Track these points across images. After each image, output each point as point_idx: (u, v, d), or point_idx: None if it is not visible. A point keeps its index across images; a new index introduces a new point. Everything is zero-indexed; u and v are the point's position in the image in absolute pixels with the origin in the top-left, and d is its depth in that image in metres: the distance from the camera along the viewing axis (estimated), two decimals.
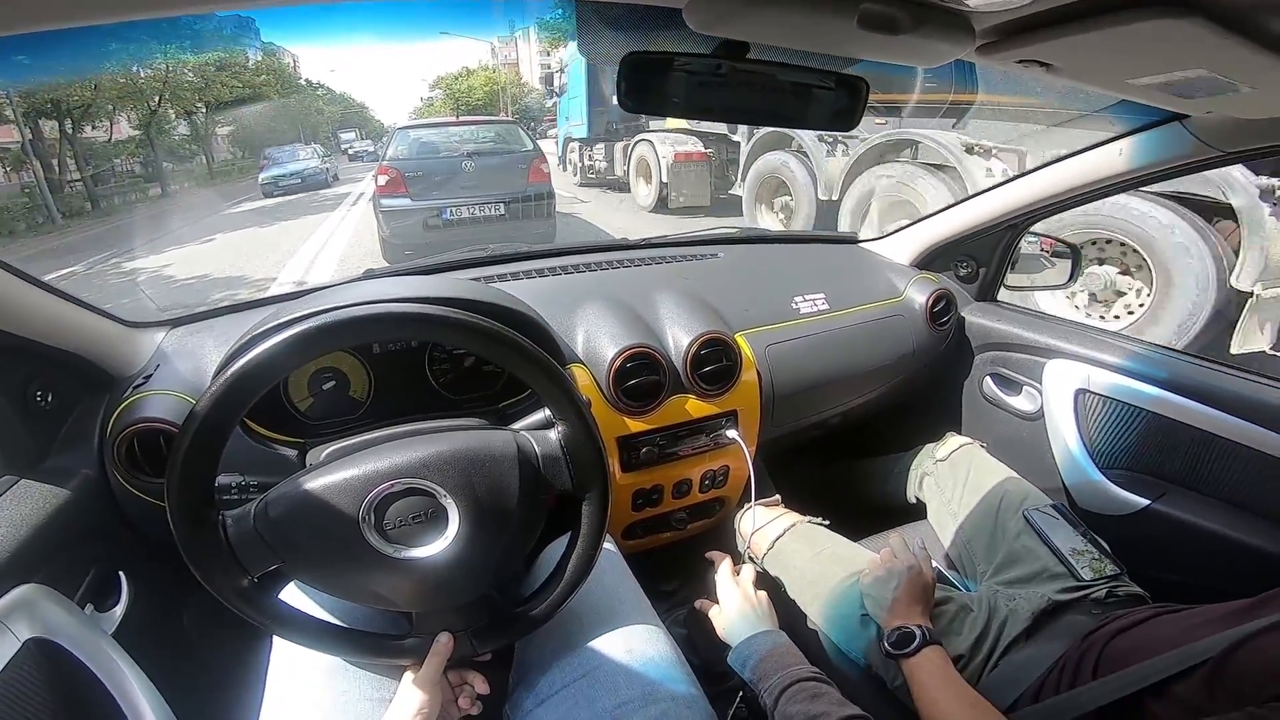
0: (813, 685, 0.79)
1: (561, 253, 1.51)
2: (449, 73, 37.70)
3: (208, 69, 20.40)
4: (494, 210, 5.77)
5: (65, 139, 16.40)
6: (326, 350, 0.66)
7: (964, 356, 1.60)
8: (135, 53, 17.30)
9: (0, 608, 0.75)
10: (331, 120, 32.65)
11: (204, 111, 21.59)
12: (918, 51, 0.55)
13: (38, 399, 0.93)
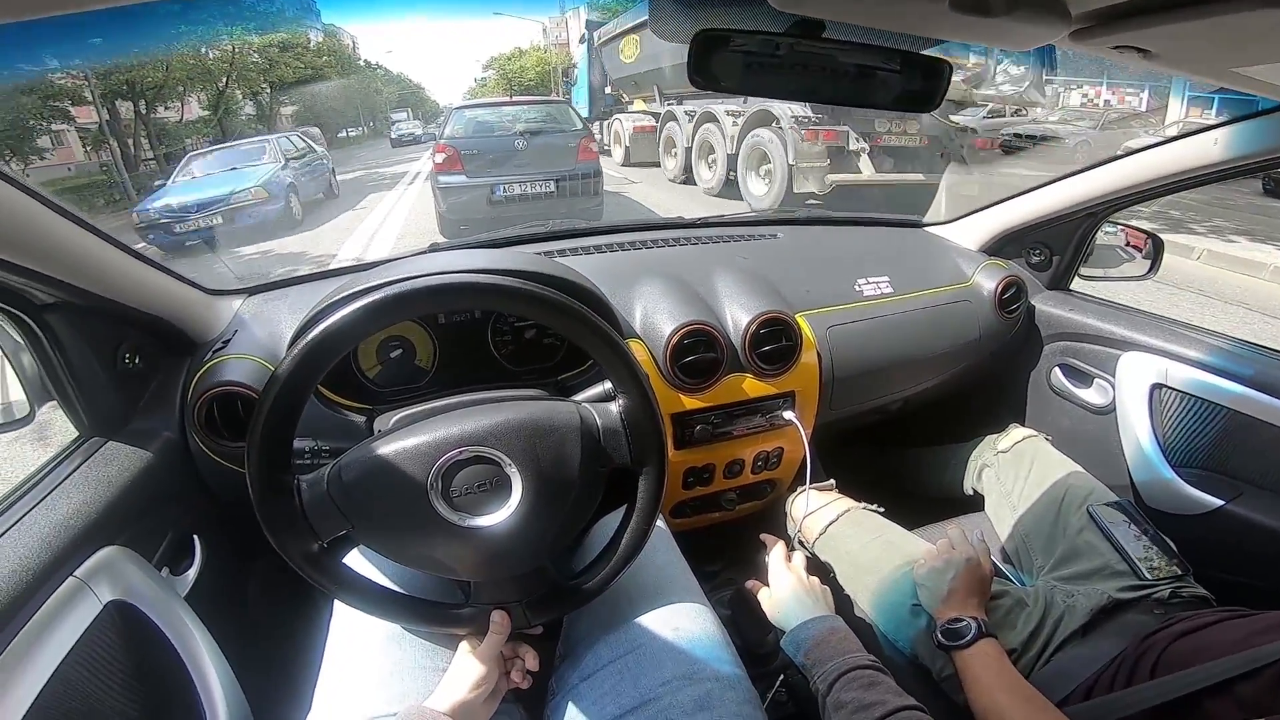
0: (869, 674, 0.78)
1: (621, 229, 1.52)
2: (502, 53, 37.98)
3: (272, 50, 21.09)
4: (544, 187, 6.01)
5: (140, 119, 17.24)
6: (402, 318, 0.68)
7: (1032, 346, 1.55)
8: (203, 34, 17.93)
9: (85, 569, 0.78)
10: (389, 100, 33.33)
11: (268, 92, 22.38)
12: (1009, 34, 0.53)
13: (126, 361, 0.97)
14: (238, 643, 0.94)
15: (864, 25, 0.56)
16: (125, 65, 15.84)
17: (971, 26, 0.50)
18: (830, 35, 0.59)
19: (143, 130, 17.36)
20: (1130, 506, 1.08)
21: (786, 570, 1.01)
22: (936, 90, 0.64)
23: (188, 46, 17.56)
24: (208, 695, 0.86)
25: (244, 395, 0.98)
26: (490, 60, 39.67)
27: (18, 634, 0.68)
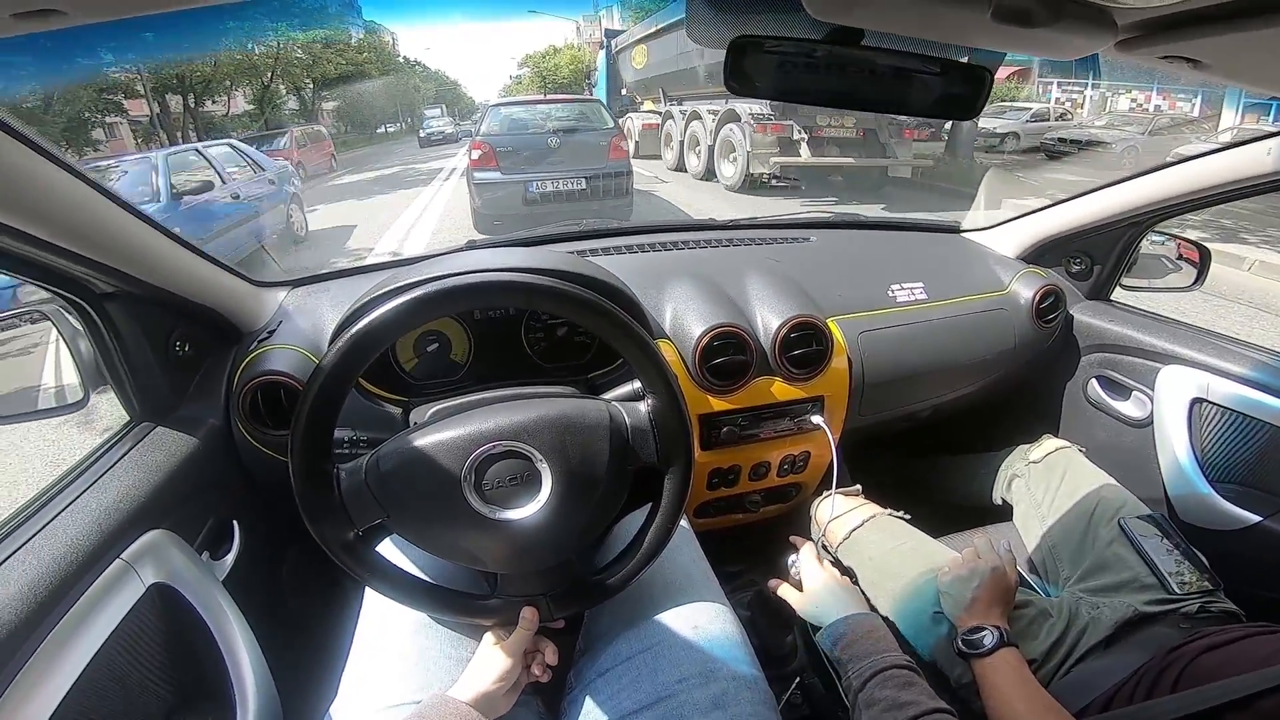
0: (905, 674, 0.78)
1: (652, 230, 1.53)
2: (536, 51, 38.16)
3: (315, 46, 21.49)
4: (576, 185, 6.09)
5: (188, 112, 17.81)
6: (443, 313, 0.70)
7: (1068, 357, 1.52)
8: (250, 30, 18.39)
9: (131, 552, 0.81)
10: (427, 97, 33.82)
11: (311, 87, 22.88)
12: (1052, 44, 0.52)
13: (177, 349, 1.01)
14: (268, 627, 0.96)
15: (905, 35, 0.56)
16: (176, 60, 16.37)
17: (1014, 36, 0.49)
18: (868, 42, 0.59)
19: (190, 123, 17.91)
20: (1163, 520, 1.06)
21: (821, 567, 1.01)
22: (978, 97, 0.64)
23: (236, 43, 18.07)
24: (239, 679, 0.88)
25: (287, 385, 1.01)
26: (525, 58, 39.91)
27: (66, 614, 0.70)
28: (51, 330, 0.98)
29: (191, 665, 0.87)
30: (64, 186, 0.71)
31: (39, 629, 0.67)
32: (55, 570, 0.71)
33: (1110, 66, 3.80)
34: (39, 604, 0.68)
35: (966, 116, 0.65)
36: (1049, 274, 1.50)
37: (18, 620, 0.65)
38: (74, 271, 0.81)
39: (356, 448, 0.97)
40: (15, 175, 0.65)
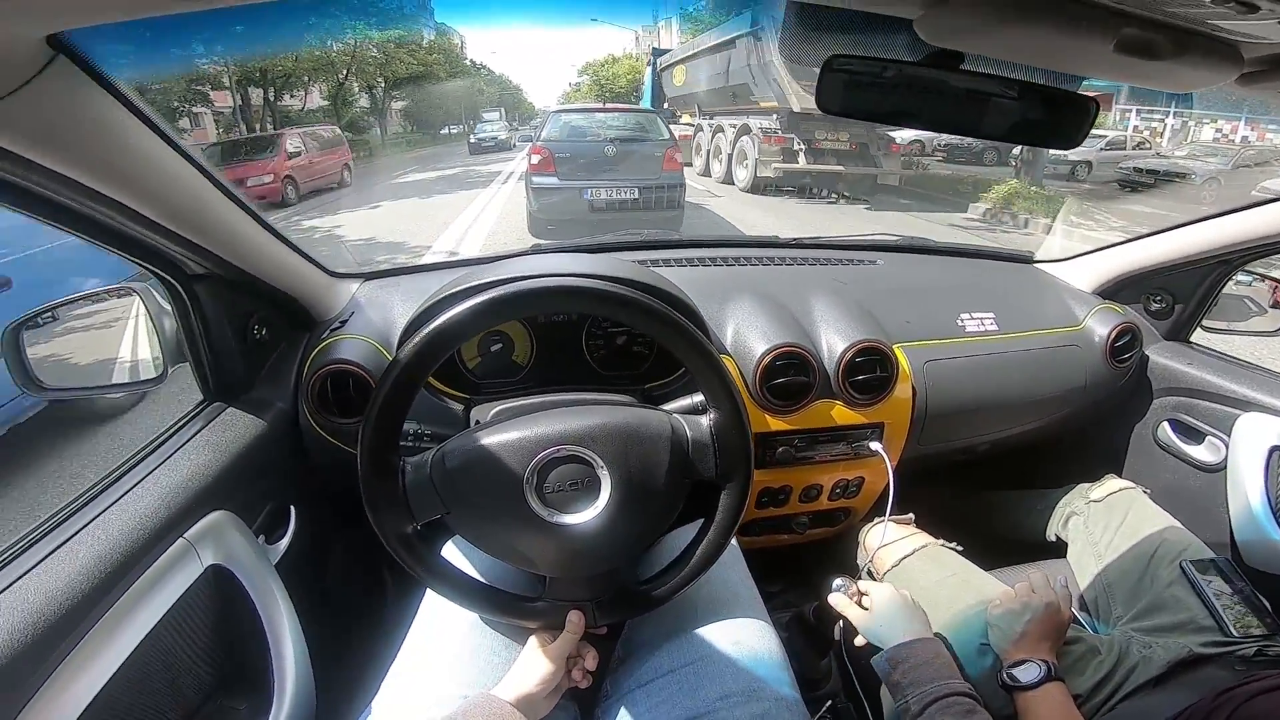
0: (968, 702, 0.77)
1: (716, 244, 1.52)
2: (596, 59, 38.60)
3: (389, 45, 22.15)
4: (629, 194, 6.13)
5: (267, 105, 18.65)
6: (519, 314, 0.72)
7: (1140, 398, 1.45)
8: (331, 27, 19.11)
9: (194, 532, 0.83)
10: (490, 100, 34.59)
11: (383, 86, 23.62)
12: (1173, 77, 0.50)
13: (255, 333, 1.05)
14: (312, 616, 0.98)
15: (1018, 62, 0.54)
16: (260, 54, 17.22)
17: (1134, 68, 0.47)
18: (966, 67, 0.57)
19: (269, 116, 18.76)
20: (1226, 564, 1.03)
21: (893, 590, 0.99)
22: (1081, 127, 0.61)
23: (317, 39, 18.83)
24: (280, 667, 0.89)
25: (356, 374, 1.04)
26: (585, 65, 40.42)
27: (128, 590, 0.72)
28: (133, 307, 1.01)
29: (237, 647, 0.89)
30: (176, 169, 0.75)
31: (101, 603, 0.69)
32: (122, 546, 0.73)
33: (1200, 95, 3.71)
34: (104, 578, 0.70)
35: (1067, 146, 0.63)
36: (1126, 311, 1.44)
37: (82, 594, 0.67)
38: (172, 252, 0.85)
39: (420, 441, 0.99)
40: (137, 156, 0.69)
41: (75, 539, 0.72)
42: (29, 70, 0.52)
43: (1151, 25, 0.43)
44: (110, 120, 0.63)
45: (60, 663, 0.64)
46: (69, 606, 0.65)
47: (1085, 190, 11.72)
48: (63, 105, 0.58)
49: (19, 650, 0.60)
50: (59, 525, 0.74)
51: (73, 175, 0.63)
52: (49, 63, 0.53)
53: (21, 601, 0.63)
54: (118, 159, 0.67)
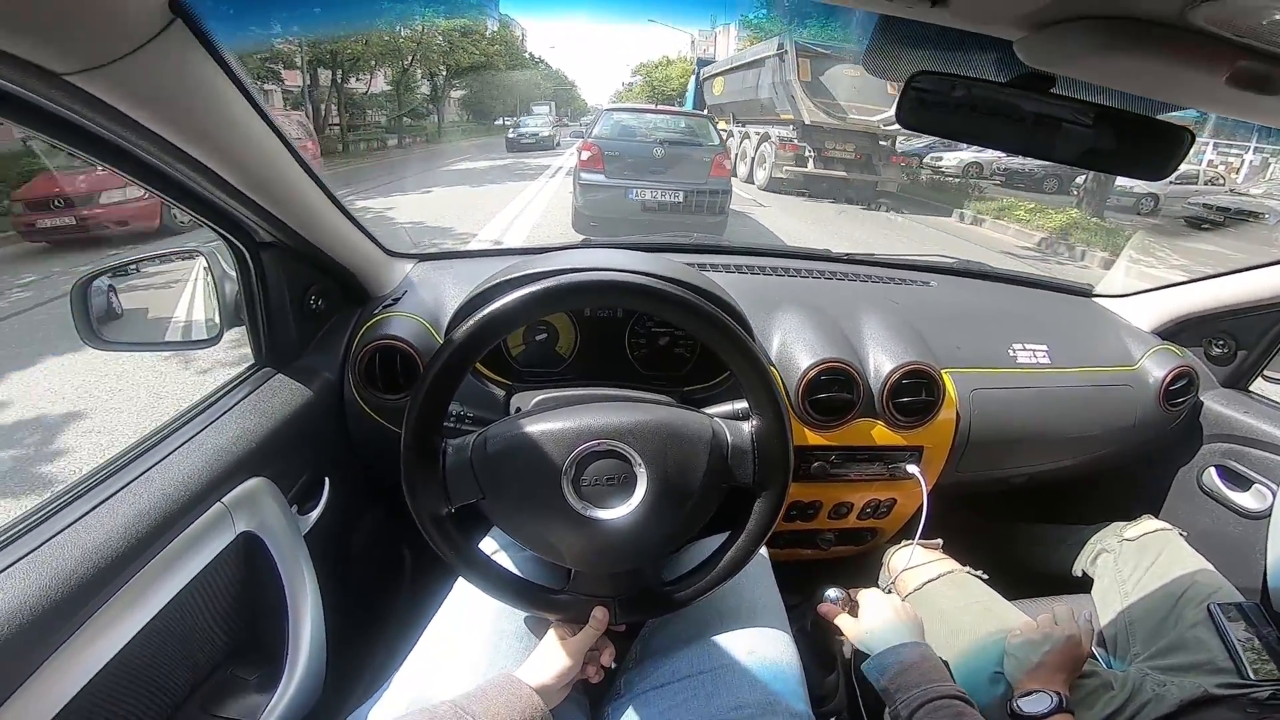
0: (956, 704, 0.76)
1: (767, 253, 1.51)
2: (650, 60, 38.70)
3: (454, 34, 22.49)
4: (673, 197, 6.15)
5: (334, 87, 19.17)
6: (572, 306, 0.72)
7: (1189, 442, 1.40)
8: (401, 12, 19.45)
9: (232, 497, 0.84)
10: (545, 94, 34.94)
11: (444, 74, 23.95)
12: None
13: (311, 302, 1.08)
14: (332, 589, 0.99)
15: (1120, 90, 0.52)
16: (333, 35, 17.69)
17: (1243, 102, 0.45)
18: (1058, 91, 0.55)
19: (334, 97, 19.29)
20: (1254, 608, 1.01)
21: (882, 596, 0.99)
22: (1173, 158, 0.59)
23: (387, 23, 19.14)
24: (296, 639, 0.90)
25: (404, 351, 1.06)
26: (639, 66, 40.55)
27: (162, 551, 0.73)
28: (194, 270, 1.06)
29: (257, 614, 0.90)
30: (264, 140, 0.77)
31: (135, 562, 0.70)
32: (163, 506, 0.75)
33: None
34: (141, 537, 0.71)
35: (1155, 177, 0.60)
36: (1185, 354, 1.39)
37: (118, 552, 0.68)
38: (247, 219, 0.88)
39: (461, 423, 1.00)
40: (231, 124, 0.71)
41: (117, 496, 0.73)
42: (148, 32, 0.53)
43: (1272, 59, 0.41)
44: (213, 87, 0.65)
45: (89, 619, 0.64)
46: (104, 564, 0.66)
47: (1150, 225, 11.26)
48: (173, 69, 0.59)
49: (48, 606, 0.61)
50: (104, 481, 0.75)
51: (170, 137, 0.65)
52: (166, 26, 0.55)
53: (58, 557, 0.64)
54: (214, 126, 0.69)
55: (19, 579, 0.60)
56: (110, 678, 0.67)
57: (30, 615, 0.59)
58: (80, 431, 2.98)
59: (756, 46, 11.84)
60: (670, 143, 6.52)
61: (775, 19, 16.78)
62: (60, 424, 3.05)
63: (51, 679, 0.61)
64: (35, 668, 0.59)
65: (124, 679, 0.70)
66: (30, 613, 0.59)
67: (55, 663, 0.61)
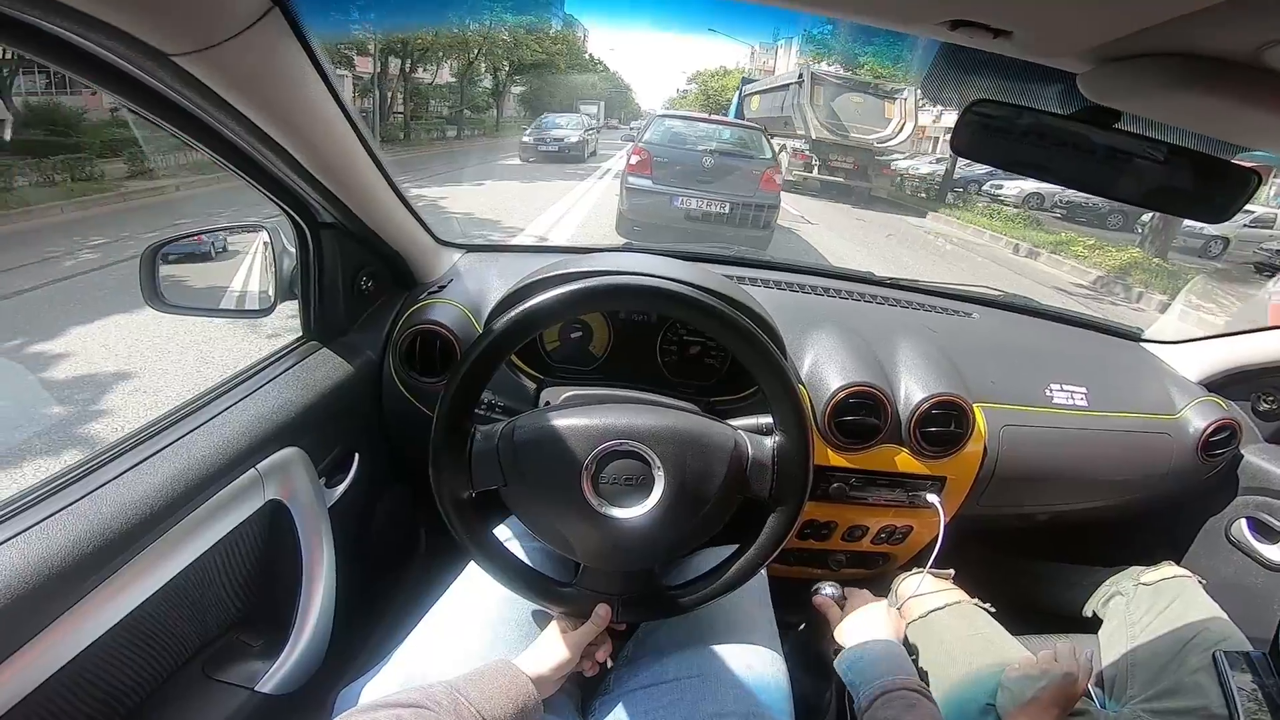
0: (912, 695, 0.76)
1: (807, 271, 1.51)
2: (707, 69, 38.36)
3: (519, 31, 22.71)
4: (719, 208, 6.12)
5: (402, 76, 19.64)
6: (611, 307, 0.74)
7: (1222, 493, 1.37)
8: (472, 7, 19.81)
9: (266, 465, 0.86)
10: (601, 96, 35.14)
11: (507, 70, 24.30)
12: None
13: (362, 283, 1.12)
14: (346, 563, 1.01)
15: (1187, 128, 0.51)
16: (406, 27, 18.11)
17: None
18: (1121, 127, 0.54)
19: (401, 86, 19.73)
20: (1261, 659, 0.97)
21: (869, 597, 1.00)
22: (1237, 200, 0.57)
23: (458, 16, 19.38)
24: (306, 609, 0.93)
25: (444, 337, 1.09)
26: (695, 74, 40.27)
27: (194, 510, 0.76)
28: (255, 244, 1.11)
29: (271, 582, 0.93)
30: (338, 127, 0.80)
31: (167, 520, 0.72)
32: (201, 467, 0.78)
33: None
34: (176, 496, 0.74)
35: (1217, 219, 0.59)
36: (1230, 407, 1.34)
37: (152, 510, 0.70)
38: (312, 199, 0.92)
39: (491, 411, 1.03)
40: (310, 110, 0.75)
41: (160, 454, 0.76)
42: (248, 18, 0.57)
43: None
44: (299, 74, 0.69)
45: (109, 577, 0.66)
46: (138, 520, 0.69)
47: (1214, 269, 10.75)
48: (266, 55, 0.63)
49: (79, 557, 0.63)
50: (149, 439, 0.79)
51: (256, 119, 0.69)
52: (264, 14, 0.58)
53: (95, 510, 0.66)
54: (296, 110, 0.72)
55: (55, 529, 0.63)
56: (122, 633, 0.69)
57: (60, 565, 0.61)
58: (127, 391, 3.13)
59: (785, 73, 14.07)
60: (721, 153, 6.49)
61: (839, 36, 16.81)
62: (110, 382, 3.21)
63: (70, 627, 0.63)
64: (54, 618, 0.61)
65: (135, 635, 0.73)
66: (60, 562, 0.61)
67: (78, 611, 0.63)
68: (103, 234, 6.13)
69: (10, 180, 7.63)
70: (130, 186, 8.40)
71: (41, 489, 0.68)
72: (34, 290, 4.49)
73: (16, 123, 10.04)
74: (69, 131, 10.31)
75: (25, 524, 0.62)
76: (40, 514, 0.64)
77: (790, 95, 11.88)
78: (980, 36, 0.46)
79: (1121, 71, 0.46)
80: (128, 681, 0.74)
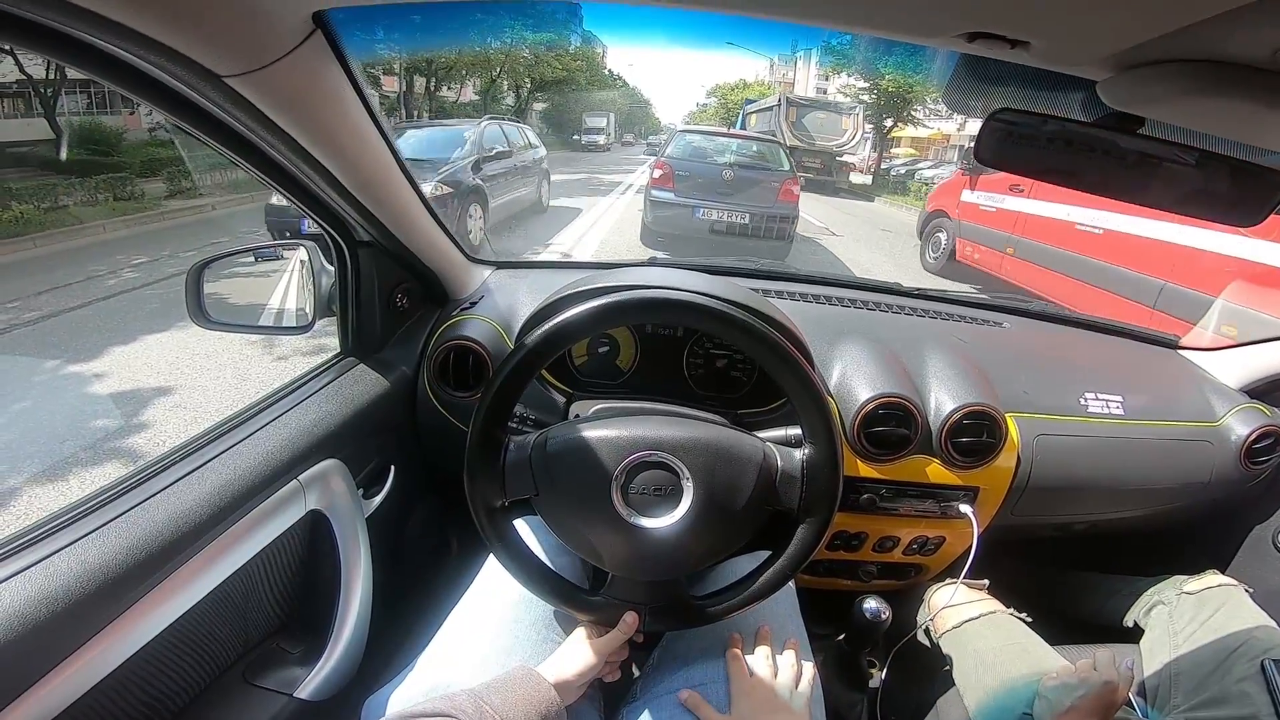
0: None
1: (834, 283, 1.51)
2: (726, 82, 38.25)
3: (539, 48, 23.06)
4: (739, 219, 6.25)
5: (427, 94, 20.01)
6: (639, 321, 0.75)
7: (1269, 500, 1.34)
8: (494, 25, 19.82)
9: (307, 475, 0.89)
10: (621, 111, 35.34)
11: (528, 87, 24.66)
12: None
13: (397, 300, 1.15)
14: (383, 573, 1.03)
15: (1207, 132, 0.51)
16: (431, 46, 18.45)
17: None
18: (1146, 132, 0.55)
19: (427, 105, 20.08)
20: None
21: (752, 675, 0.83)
22: (1266, 203, 0.56)
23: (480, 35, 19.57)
24: (343, 616, 0.94)
25: (477, 352, 1.12)
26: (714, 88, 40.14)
27: (240, 520, 0.79)
28: (293, 262, 1.14)
29: (310, 589, 0.95)
30: (375, 147, 0.83)
31: (215, 528, 0.75)
32: (246, 478, 0.80)
33: None
34: (223, 506, 0.76)
35: (1247, 223, 0.58)
36: (1274, 414, 1.30)
37: (200, 518, 0.73)
38: (350, 217, 0.95)
39: (524, 424, 1.05)
40: (351, 131, 0.78)
41: (207, 466, 0.79)
42: (294, 40, 0.59)
43: None
44: (341, 94, 0.72)
45: (159, 583, 0.69)
46: (186, 529, 0.71)
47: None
48: (309, 76, 0.65)
49: (131, 564, 0.65)
50: (196, 451, 0.82)
51: (300, 139, 0.72)
52: (308, 36, 0.61)
53: (145, 520, 0.69)
54: (336, 131, 0.76)
55: (109, 539, 0.65)
56: (169, 638, 0.72)
57: (112, 572, 0.63)
58: (169, 406, 3.23)
59: (769, 99, 16.73)
60: (740, 166, 6.67)
61: (859, 47, 17.71)
62: (151, 397, 3.31)
63: (120, 633, 0.65)
64: (105, 624, 0.63)
65: (181, 641, 0.75)
66: (113, 569, 0.64)
67: (128, 617, 0.65)
68: (144, 252, 6.35)
69: (56, 199, 7.96)
70: (169, 205, 8.70)
71: (96, 498, 0.71)
72: (80, 309, 4.66)
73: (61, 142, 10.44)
74: (109, 151, 10.72)
75: (80, 532, 0.65)
76: (95, 522, 0.66)
77: (771, 115, 14.77)
78: (998, 47, 0.47)
79: (1140, 79, 0.47)
80: (172, 687, 0.76)
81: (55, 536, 0.64)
